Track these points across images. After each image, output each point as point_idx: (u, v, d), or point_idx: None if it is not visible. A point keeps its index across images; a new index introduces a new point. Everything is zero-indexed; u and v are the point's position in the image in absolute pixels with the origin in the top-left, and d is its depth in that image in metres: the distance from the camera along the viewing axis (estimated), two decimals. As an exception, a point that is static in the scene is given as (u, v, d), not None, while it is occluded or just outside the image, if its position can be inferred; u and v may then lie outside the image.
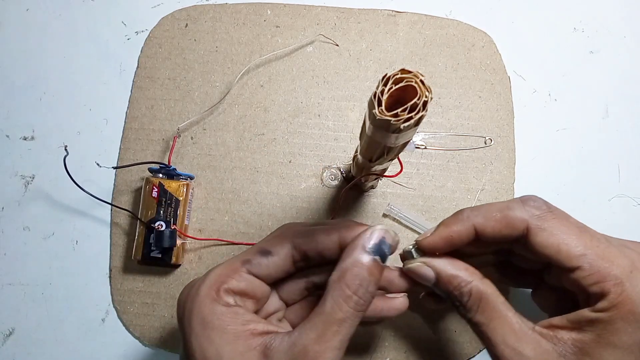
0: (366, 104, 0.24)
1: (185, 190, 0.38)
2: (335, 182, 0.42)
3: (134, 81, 0.44)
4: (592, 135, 0.43)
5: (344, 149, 0.42)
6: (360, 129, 0.30)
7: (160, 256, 0.37)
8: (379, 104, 0.22)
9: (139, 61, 0.44)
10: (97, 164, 0.39)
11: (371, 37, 0.44)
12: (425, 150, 0.42)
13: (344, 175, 0.41)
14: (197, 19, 0.45)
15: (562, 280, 0.27)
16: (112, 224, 0.41)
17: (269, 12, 0.45)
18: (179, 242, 0.38)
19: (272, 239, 0.30)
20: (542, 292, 0.32)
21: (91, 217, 0.41)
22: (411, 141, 0.36)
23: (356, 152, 0.35)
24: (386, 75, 0.22)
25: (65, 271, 0.40)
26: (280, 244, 0.29)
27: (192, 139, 0.42)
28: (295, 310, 0.31)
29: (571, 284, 0.26)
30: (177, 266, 0.40)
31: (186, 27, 0.45)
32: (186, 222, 0.39)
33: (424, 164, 0.42)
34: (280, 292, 0.31)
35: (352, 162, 0.38)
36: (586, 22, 0.45)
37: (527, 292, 0.33)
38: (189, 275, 0.40)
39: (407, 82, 0.22)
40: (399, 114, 0.22)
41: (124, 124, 0.43)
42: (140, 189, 0.40)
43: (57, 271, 0.40)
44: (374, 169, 0.33)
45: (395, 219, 0.41)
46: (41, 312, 0.40)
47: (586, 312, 0.25)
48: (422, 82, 0.22)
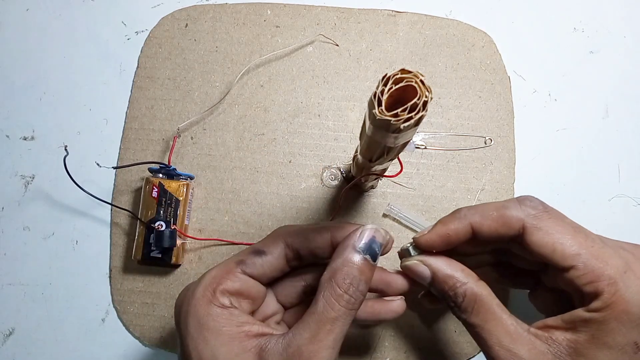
0: (366, 104, 0.24)
1: (185, 190, 0.38)
2: (335, 182, 0.42)
3: (134, 81, 0.44)
4: (592, 135, 0.43)
5: (344, 149, 0.42)
6: (360, 129, 0.30)
7: (160, 256, 0.37)
8: (379, 104, 0.22)
9: (139, 61, 0.44)
10: (97, 164, 0.39)
11: (371, 37, 0.44)
12: (425, 150, 0.42)
13: (344, 175, 0.41)
14: (197, 19, 0.45)
15: (557, 280, 0.27)
16: (112, 224, 0.41)
17: (269, 12, 0.45)
18: (179, 242, 0.38)
19: (265, 239, 0.30)
20: (539, 292, 0.32)
21: (91, 217, 0.41)
22: (411, 141, 0.36)
23: (356, 152, 0.35)
24: (386, 75, 0.22)
25: (65, 271, 0.40)
26: (273, 244, 0.29)
27: (192, 139, 0.42)
28: (293, 313, 0.32)
29: (566, 283, 0.27)
30: (177, 266, 0.40)
31: (186, 27, 0.45)
32: (186, 222, 0.39)
33: (424, 164, 0.42)
34: (277, 295, 0.31)
35: (352, 162, 0.38)
36: (586, 22, 0.45)
37: (525, 294, 0.33)
38: (189, 275, 0.40)
39: (407, 82, 0.22)
40: (399, 114, 0.22)
41: (124, 124, 0.43)
42: (140, 189, 0.40)
43: (57, 271, 0.40)
44: (374, 169, 0.33)
45: (395, 219, 0.41)
46: (41, 312, 0.40)
47: (580, 312, 0.26)
48: (422, 82, 0.22)
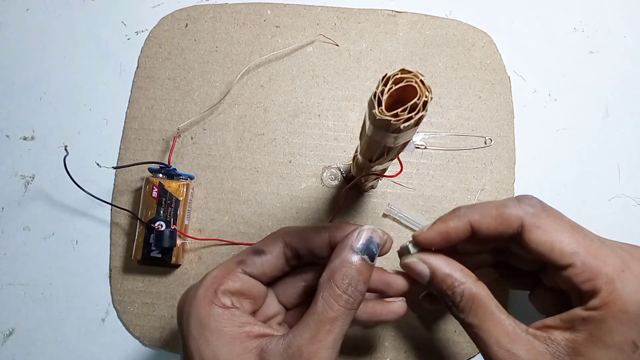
0: (366, 104, 0.24)
1: (185, 190, 0.38)
2: (335, 182, 0.42)
3: (134, 81, 0.44)
4: (592, 135, 0.43)
5: (344, 149, 0.42)
6: (360, 129, 0.30)
7: (160, 256, 0.37)
8: (379, 104, 0.22)
9: (139, 61, 0.44)
10: (97, 164, 0.39)
11: (371, 37, 0.44)
12: (425, 150, 0.42)
13: (344, 175, 0.41)
14: (197, 19, 0.45)
15: (556, 279, 0.27)
16: (112, 224, 0.41)
17: (269, 12, 0.45)
18: (179, 242, 0.38)
19: (264, 239, 0.30)
20: (539, 292, 0.32)
21: (91, 217, 0.41)
22: (411, 141, 0.36)
23: (356, 152, 0.35)
24: (386, 75, 0.22)
25: (65, 271, 0.40)
26: (272, 243, 0.30)
27: (192, 139, 0.42)
28: (294, 314, 0.32)
29: (564, 282, 0.27)
30: (177, 266, 0.40)
31: (186, 27, 0.45)
32: (186, 222, 0.39)
33: (424, 164, 0.42)
34: (279, 296, 0.31)
35: (352, 162, 0.38)
36: (586, 22, 0.45)
37: (524, 295, 0.33)
38: (189, 275, 0.40)
39: (407, 82, 0.22)
40: (399, 114, 0.22)
41: (124, 124, 0.43)
42: (140, 189, 0.40)
43: (57, 271, 0.40)
44: (374, 169, 0.33)
45: (395, 219, 0.41)
46: (41, 312, 0.40)
47: (578, 311, 0.26)
48: (422, 82, 0.22)
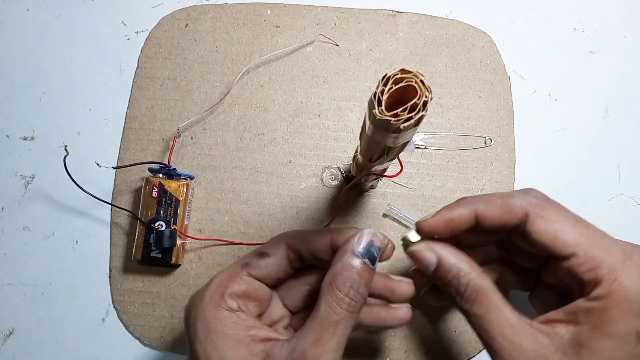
0: (366, 104, 0.24)
1: (185, 190, 0.38)
2: (335, 182, 0.42)
3: (134, 81, 0.44)
4: (592, 135, 0.43)
5: (344, 149, 0.42)
6: (360, 129, 0.30)
7: (160, 256, 0.37)
8: (379, 104, 0.22)
9: (139, 61, 0.44)
10: (97, 164, 0.39)
11: (371, 37, 0.44)
12: (425, 150, 0.42)
13: (344, 175, 0.41)
14: (197, 19, 0.45)
15: (558, 272, 0.27)
16: (112, 224, 0.41)
17: (269, 12, 0.45)
18: (179, 242, 0.38)
19: (268, 242, 0.31)
20: (540, 291, 0.32)
21: (91, 217, 0.41)
22: (411, 141, 0.36)
23: (356, 152, 0.35)
24: (386, 75, 0.22)
25: (65, 271, 0.40)
26: (275, 246, 0.30)
27: (192, 139, 0.42)
28: (300, 318, 0.32)
29: (566, 274, 0.27)
30: (177, 266, 0.40)
31: (186, 27, 0.45)
32: (186, 222, 0.39)
33: (424, 164, 0.42)
34: (283, 300, 0.32)
35: (352, 162, 0.38)
36: (586, 22, 0.45)
37: (524, 297, 0.33)
38: (188, 275, 0.40)
39: (407, 82, 0.22)
40: (399, 114, 0.22)
41: (124, 124, 0.43)
42: (140, 189, 0.40)
43: (57, 271, 0.40)
44: (374, 169, 0.33)
45: (395, 219, 0.41)
46: (41, 312, 0.40)
47: (581, 302, 0.26)
48: (422, 82, 0.22)
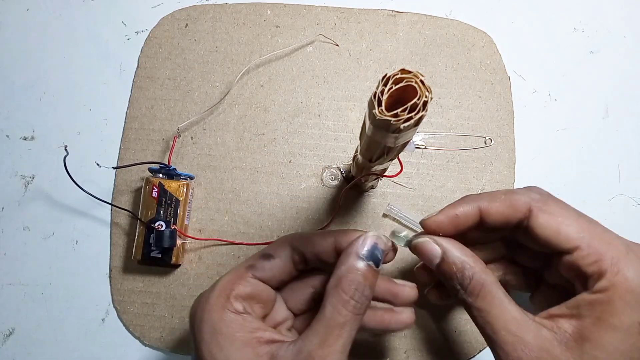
0: (366, 104, 0.24)
1: (185, 190, 0.38)
2: (335, 182, 0.42)
3: (134, 81, 0.44)
4: (592, 135, 0.43)
5: (344, 149, 0.42)
6: (360, 129, 0.30)
7: (160, 256, 0.37)
8: (379, 104, 0.22)
9: (139, 61, 0.44)
10: (97, 164, 0.39)
11: (371, 37, 0.44)
12: (425, 150, 0.42)
13: (344, 175, 0.41)
14: (197, 19, 0.45)
15: (560, 267, 0.28)
16: (112, 224, 0.41)
17: (269, 12, 0.45)
18: (179, 242, 0.38)
19: (272, 244, 0.31)
20: (542, 291, 0.32)
21: (91, 217, 0.41)
22: (411, 141, 0.36)
23: (356, 152, 0.35)
24: (386, 75, 0.22)
25: (65, 271, 0.40)
26: (280, 248, 0.30)
27: (192, 139, 0.42)
28: (302, 319, 0.32)
29: (569, 268, 0.27)
30: (177, 266, 0.40)
31: (186, 27, 0.45)
32: (186, 222, 0.39)
33: (424, 164, 0.42)
34: (287, 302, 0.32)
35: (352, 162, 0.38)
36: (586, 22, 0.45)
37: (524, 298, 0.33)
38: (189, 275, 0.40)
39: (407, 82, 0.22)
40: (399, 114, 0.22)
41: (124, 124, 0.43)
42: (140, 189, 0.40)
43: (57, 271, 0.40)
44: (374, 169, 0.33)
45: (395, 219, 0.41)
46: (41, 312, 0.40)
47: (584, 296, 0.26)
48: (422, 82, 0.22)
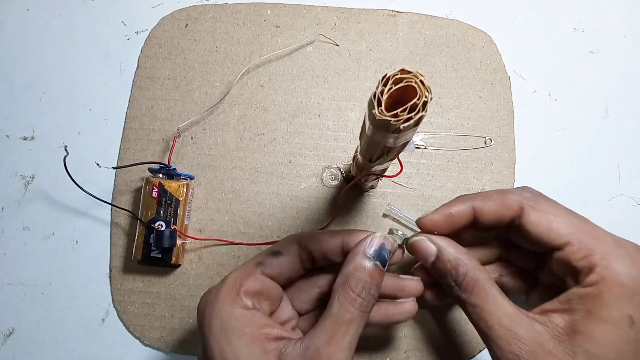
0: (366, 104, 0.24)
1: (185, 190, 0.38)
2: (335, 182, 0.42)
3: (134, 81, 0.44)
4: (592, 135, 0.43)
5: (344, 149, 0.42)
6: (360, 129, 0.30)
7: (160, 256, 0.37)
8: (379, 104, 0.22)
9: (139, 61, 0.44)
10: (97, 164, 0.39)
11: (371, 37, 0.44)
12: (425, 150, 0.42)
13: (344, 175, 0.41)
14: (197, 19, 0.45)
15: (552, 264, 0.28)
16: (112, 224, 0.41)
17: (269, 12, 0.45)
18: (179, 242, 0.38)
19: (280, 242, 0.32)
20: (537, 291, 0.32)
21: (91, 217, 0.41)
22: (411, 141, 0.36)
23: (356, 152, 0.35)
24: (386, 75, 0.22)
25: (65, 271, 0.40)
26: (288, 245, 0.31)
27: (192, 139, 0.42)
28: (307, 319, 0.33)
29: (560, 264, 0.28)
30: (177, 266, 0.40)
31: (186, 27, 0.45)
32: (186, 222, 0.39)
33: (424, 164, 0.42)
34: (293, 301, 0.32)
35: (352, 162, 0.38)
36: (586, 22, 0.45)
37: (521, 300, 0.34)
38: (188, 275, 0.40)
39: (406, 82, 0.22)
40: (399, 114, 0.22)
41: (124, 124, 0.43)
42: (140, 189, 0.40)
43: (57, 271, 0.40)
44: (374, 169, 0.34)
45: (395, 219, 0.41)
46: (41, 312, 0.40)
47: (575, 290, 0.26)
48: (421, 82, 0.22)
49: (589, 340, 0.25)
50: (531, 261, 0.32)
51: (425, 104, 0.22)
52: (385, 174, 0.36)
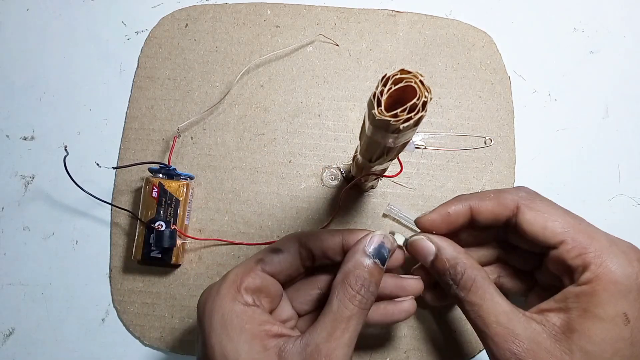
0: (366, 104, 0.24)
1: (185, 190, 0.38)
2: (335, 182, 0.42)
3: (134, 81, 0.44)
4: (592, 135, 0.43)
5: (344, 149, 0.42)
6: (360, 129, 0.30)
7: (160, 256, 0.37)
8: (378, 105, 0.22)
9: (139, 61, 0.44)
10: (97, 164, 0.39)
11: (371, 37, 0.44)
12: (425, 150, 0.42)
13: (344, 175, 0.41)
14: (197, 19, 0.45)
15: (549, 263, 0.29)
16: (112, 224, 0.41)
17: (269, 12, 0.45)
18: (179, 242, 0.38)
19: (281, 239, 0.32)
20: (535, 292, 0.33)
21: (91, 217, 0.41)
22: (411, 141, 0.36)
23: (356, 152, 0.35)
24: (385, 75, 0.22)
25: (65, 271, 0.40)
26: (288, 242, 0.31)
27: (192, 139, 0.42)
28: (306, 320, 0.33)
29: (556, 262, 0.28)
30: (177, 266, 0.40)
31: (186, 27, 0.45)
32: (186, 222, 0.39)
33: (424, 164, 0.42)
34: (293, 302, 0.32)
35: (352, 162, 0.38)
36: (586, 22, 0.45)
37: (520, 301, 0.34)
38: (188, 275, 0.40)
39: (406, 82, 0.22)
40: (398, 114, 0.22)
41: (124, 124, 0.43)
42: (140, 189, 0.40)
43: (57, 271, 0.40)
44: (374, 169, 0.34)
45: (395, 219, 0.41)
46: (41, 312, 0.40)
47: (570, 288, 0.27)
48: (421, 82, 0.22)
49: (585, 338, 0.25)
50: (529, 262, 0.32)
51: (425, 104, 0.22)
52: (385, 174, 0.36)
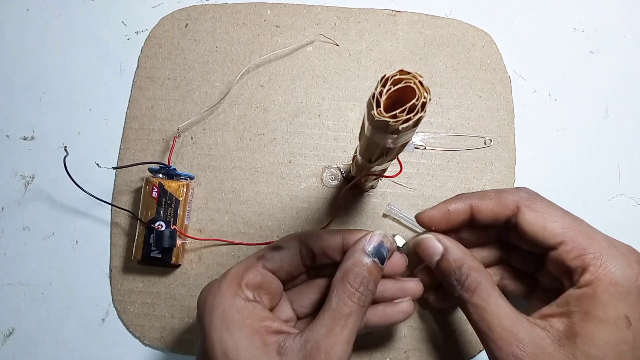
0: (365, 105, 0.24)
1: (185, 190, 0.38)
2: (335, 182, 0.42)
3: (134, 81, 0.44)
4: (592, 135, 0.43)
5: (344, 149, 0.42)
6: (360, 129, 0.30)
7: (160, 256, 0.38)
8: (378, 105, 0.22)
9: (139, 61, 0.44)
10: (97, 164, 0.39)
11: (371, 37, 0.44)
12: (425, 150, 0.42)
13: (344, 175, 0.41)
14: (197, 19, 0.45)
15: (549, 265, 0.29)
16: (112, 224, 0.41)
17: (269, 12, 0.45)
18: (179, 242, 0.38)
19: (282, 238, 0.32)
20: (537, 294, 0.33)
21: (91, 217, 0.41)
22: (411, 141, 0.36)
23: (356, 152, 0.35)
24: (385, 76, 0.22)
25: (65, 271, 0.40)
26: (289, 240, 0.31)
27: (192, 139, 0.42)
28: (306, 322, 0.33)
29: (555, 263, 0.28)
30: (177, 266, 0.40)
31: (186, 27, 0.45)
32: (186, 222, 0.39)
33: (424, 164, 0.42)
34: (293, 304, 0.33)
35: (352, 162, 0.38)
36: (586, 22, 0.45)
37: (520, 304, 0.34)
38: (188, 275, 0.40)
39: (405, 83, 0.22)
40: (398, 115, 0.22)
41: (124, 124, 0.43)
42: (140, 189, 0.41)
43: (57, 271, 0.40)
44: (373, 169, 0.34)
45: (395, 219, 0.41)
46: (41, 312, 0.40)
47: (571, 291, 0.27)
48: (420, 83, 0.22)
49: (587, 342, 0.25)
50: (530, 263, 0.32)
51: (424, 104, 0.22)
52: (385, 174, 0.36)
